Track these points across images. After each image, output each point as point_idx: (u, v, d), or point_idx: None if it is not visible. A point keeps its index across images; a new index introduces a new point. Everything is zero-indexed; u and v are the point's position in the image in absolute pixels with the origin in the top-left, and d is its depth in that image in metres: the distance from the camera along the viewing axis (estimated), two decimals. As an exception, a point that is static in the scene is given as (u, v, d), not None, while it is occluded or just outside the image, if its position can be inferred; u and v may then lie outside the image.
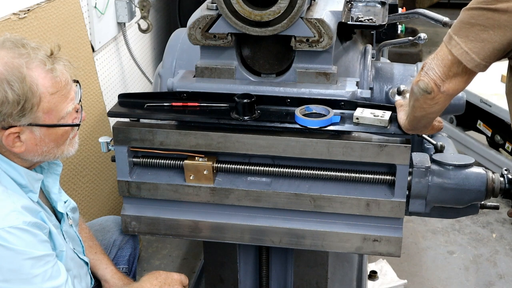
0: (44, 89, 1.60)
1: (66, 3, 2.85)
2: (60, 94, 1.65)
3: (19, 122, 1.60)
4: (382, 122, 1.87)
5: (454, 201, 1.97)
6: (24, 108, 1.58)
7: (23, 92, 1.56)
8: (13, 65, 1.56)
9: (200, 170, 1.94)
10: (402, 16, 2.67)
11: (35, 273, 1.58)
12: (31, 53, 1.60)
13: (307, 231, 1.98)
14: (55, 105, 1.64)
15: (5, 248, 1.54)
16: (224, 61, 2.07)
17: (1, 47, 1.60)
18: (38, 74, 1.60)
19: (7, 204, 1.59)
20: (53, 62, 1.64)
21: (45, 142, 1.67)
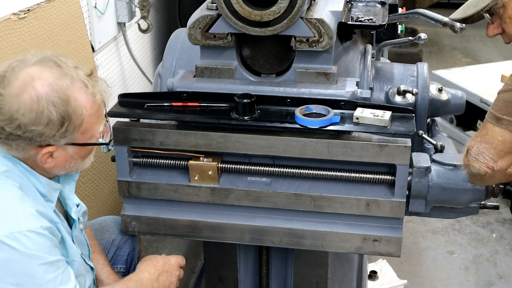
0: (85, 111, 1.63)
1: (66, 3, 2.85)
2: (96, 115, 1.68)
3: (58, 142, 1.62)
4: (382, 122, 1.87)
5: (454, 201, 1.97)
6: (67, 130, 1.60)
7: (67, 115, 1.58)
8: (58, 86, 1.57)
9: (205, 171, 1.94)
10: (402, 16, 2.67)
11: (48, 278, 1.59)
12: (73, 74, 1.62)
13: (307, 231, 1.98)
14: (91, 125, 1.67)
15: (21, 253, 1.54)
16: (224, 61, 2.07)
17: (43, 66, 1.60)
18: (81, 96, 1.62)
19: (26, 208, 1.60)
20: (93, 84, 1.66)
21: (74, 158, 1.71)
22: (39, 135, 1.58)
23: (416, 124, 1.92)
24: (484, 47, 6.85)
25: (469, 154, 1.70)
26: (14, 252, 1.53)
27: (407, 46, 5.71)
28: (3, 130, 1.56)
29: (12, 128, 1.55)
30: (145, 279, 1.89)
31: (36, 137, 1.58)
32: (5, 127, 1.55)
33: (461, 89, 3.59)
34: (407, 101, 2.21)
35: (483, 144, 1.67)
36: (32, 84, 1.55)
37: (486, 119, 1.70)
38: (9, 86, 1.55)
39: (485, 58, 6.48)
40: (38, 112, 1.55)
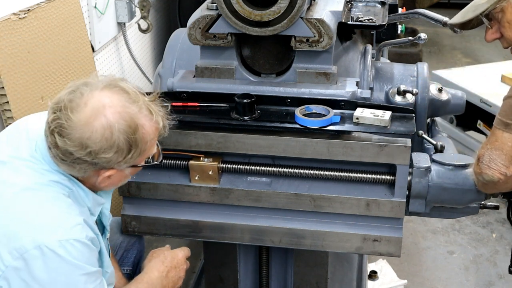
0: (149, 138, 1.64)
1: (66, 3, 2.85)
2: (155, 140, 1.69)
3: (120, 167, 1.64)
4: (382, 122, 1.87)
5: (454, 201, 1.97)
6: (132, 156, 1.61)
7: (135, 142, 1.59)
8: (127, 114, 1.58)
9: (206, 171, 1.94)
10: (402, 16, 2.67)
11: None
12: (140, 101, 1.62)
13: (307, 231, 1.98)
14: (149, 149, 1.68)
15: (66, 261, 1.54)
16: (224, 61, 2.07)
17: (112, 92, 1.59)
18: (148, 124, 1.62)
19: (73, 217, 1.60)
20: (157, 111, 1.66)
21: (127, 177, 1.73)
22: (106, 161, 1.59)
23: (416, 124, 1.92)
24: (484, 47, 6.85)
25: (480, 162, 1.72)
26: (60, 260, 1.53)
27: (407, 46, 5.71)
28: (71, 155, 1.56)
29: (81, 154, 1.56)
30: (155, 278, 1.89)
31: (103, 163, 1.59)
32: (74, 153, 1.55)
33: (461, 89, 3.59)
34: (407, 101, 2.21)
35: (494, 151, 1.68)
36: (104, 112, 1.55)
37: (494, 126, 1.71)
38: (79, 112, 1.55)
39: (485, 58, 6.48)
40: (109, 140, 1.55)
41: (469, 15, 1.81)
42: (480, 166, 1.72)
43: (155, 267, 1.92)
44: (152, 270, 1.91)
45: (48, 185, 1.62)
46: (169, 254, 1.97)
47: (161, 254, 1.97)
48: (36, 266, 1.52)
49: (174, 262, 1.95)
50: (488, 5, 1.74)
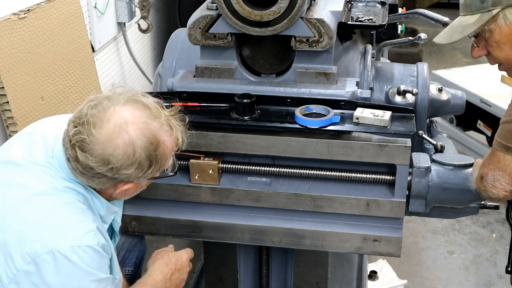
0: (169, 153, 1.65)
1: (66, 3, 2.85)
2: (172, 153, 1.69)
3: (139, 180, 1.64)
4: (382, 122, 1.87)
5: (454, 201, 1.97)
6: (152, 172, 1.62)
7: (156, 158, 1.60)
8: (149, 131, 1.58)
9: (206, 170, 1.94)
10: (402, 16, 2.67)
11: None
12: (161, 116, 1.62)
13: (307, 231, 1.98)
14: (167, 162, 1.68)
15: (78, 267, 1.54)
16: (224, 61, 2.07)
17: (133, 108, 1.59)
18: (168, 140, 1.63)
19: (87, 223, 1.60)
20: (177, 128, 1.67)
21: (143, 188, 1.73)
22: (126, 177, 1.60)
23: (416, 124, 1.92)
24: (484, 47, 6.84)
25: (485, 181, 1.80)
26: (72, 266, 1.53)
27: (407, 46, 5.71)
28: (91, 170, 1.56)
29: (103, 170, 1.56)
30: (159, 281, 1.89)
31: (123, 178, 1.60)
32: (95, 168, 1.56)
33: (461, 89, 3.59)
34: (407, 101, 2.21)
35: (498, 172, 1.77)
36: (126, 128, 1.55)
37: (494, 147, 1.78)
38: (102, 128, 1.54)
39: (485, 58, 6.47)
40: (131, 157, 1.56)
41: (456, 36, 1.81)
42: (484, 185, 1.81)
43: (159, 269, 1.92)
44: (156, 273, 1.91)
45: (63, 191, 1.61)
46: (173, 256, 1.96)
47: (165, 256, 1.96)
48: (48, 271, 1.52)
49: (178, 264, 1.95)
50: (476, 27, 1.74)
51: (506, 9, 1.69)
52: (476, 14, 1.73)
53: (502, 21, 1.71)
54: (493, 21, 1.72)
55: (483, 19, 1.73)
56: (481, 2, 1.71)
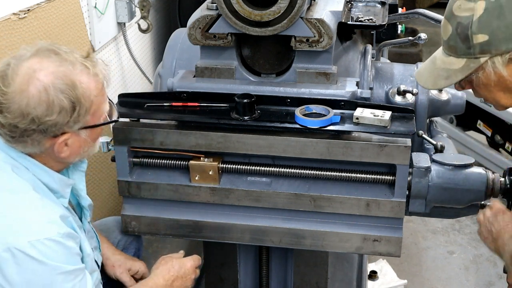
0: (91, 93, 1.63)
1: (66, 3, 2.85)
2: (101, 94, 1.68)
3: (71, 128, 1.62)
4: (382, 122, 1.87)
5: (454, 201, 1.97)
6: (79, 114, 1.60)
7: (77, 99, 1.58)
8: (61, 73, 1.57)
9: (206, 171, 1.94)
10: (402, 16, 2.67)
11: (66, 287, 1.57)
12: (72, 58, 1.61)
13: (307, 231, 1.98)
14: (99, 106, 1.67)
15: (40, 262, 1.52)
16: (224, 61, 2.07)
17: (41, 57, 1.59)
18: (85, 78, 1.61)
19: (43, 214, 1.59)
20: (93, 65, 1.66)
21: (87, 142, 1.70)
22: (53, 125, 1.57)
23: (416, 124, 1.92)
24: (484, 47, 6.84)
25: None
26: (32, 261, 1.51)
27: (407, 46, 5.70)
28: (16, 128, 1.55)
29: (25, 124, 1.54)
30: (160, 285, 1.90)
31: (51, 128, 1.57)
32: (18, 124, 1.54)
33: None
34: (407, 101, 2.21)
35: None
36: (35, 76, 1.54)
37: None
38: (12, 84, 1.54)
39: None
40: (49, 102, 1.54)
41: (441, 83, 1.68)
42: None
43: (161, 274, 1.93)
44: (158, 277, 1.92)
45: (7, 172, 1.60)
46: (177, 263, 1.97)
47: (169, 261, 1.97)
48: (9, 269, 1.50)
49: (181, 271, 1.95)
50: (462, 76, 1.63)
51: (495, 57, 1.56)
52: (462, 59, 1.60)
53: (490, 69, 1.58)
54: (481, 69, 1.59)
55: (470, 67, 1.60)
56: (467, 48, 1.57)
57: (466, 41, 1.57)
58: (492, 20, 1.53)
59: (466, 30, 1.56)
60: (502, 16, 1.52)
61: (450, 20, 1.61)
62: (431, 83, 1.72)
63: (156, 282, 1.91)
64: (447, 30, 1.62)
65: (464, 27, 1.56)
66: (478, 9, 1.54)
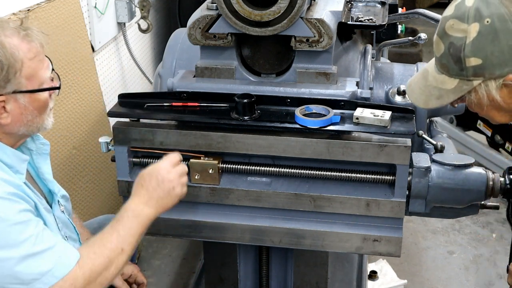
0: (23, 54, 1.63)
1: (66, 3, 2.85)
2: (37, 60, 1.68)
3: (4, 90, 1.62)
4: (382, 122, 1.87)
5: (454, 201, 1.97)
6: (8, 74, 1.60)
7: (5, 58, 1.59)
8: None
9: (206, 169, 1.94)
10: (402, 16, 2.67)
11: (23, 238, 1.55)
12: (3, 23, 1.64)
13: (307, 231, 1.98)
14: (35, 70, 1.67)
15: None
16: (224, 61, 2.07)
17: None
18: (16, 40, 1.63)
19: None
20: (26, 29, 1.67)
21: (29, 110, 1.69)
22: None
23: (416, 124, 1.92)
24: (484, 47, 6.84)
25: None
26: None
27: (407, 46, 5.70)
28: None
29: None
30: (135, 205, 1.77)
31: None
32: None
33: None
34: (407, 101, 2.21)
35: None
36: None
37: None
38: None
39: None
40: None
41: (432, 102, 1.65)
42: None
43: (135, 194, 1.79)
44: (131, 199, 1.78)
45: None
46: (148, 173, 1.81)
47: (140, 177, 1.81)
48: None
49: (153, 180, 1.79)
50: (455, 98, 1.61)
51: (488, 81, 1.52)
52: (455, 79, 1.57)
53: (483, 92, 1.54)
54: (474, 91, 1.55)
55: (462, 89, 1.56)
56: (460, 69, 1.53)
57: (458, 62, 1.53)
58: (486, 44, 1.48)
59: (459, 52, 1.52)
60: (497, 40, 1.47)
61: (443, 38, 1.56)
62: (422, 102, 1.68)
63: (134, 203, 1.77)
64: (440, 48, 1.57)
65: (456, 48, 1.52)
66: (472, 31, 1.49)
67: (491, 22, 1.47)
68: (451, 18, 1.53)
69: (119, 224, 1.74)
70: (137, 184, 1.83)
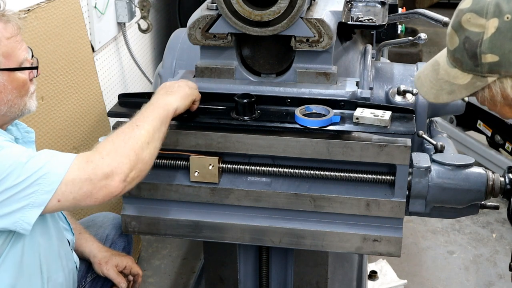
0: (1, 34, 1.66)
1: (66, 3, 2.85)
2: (15, 40, 1.70)
3: None
4: (382, 122, 1.87)
5: (454, 201, 1.97)
6: None
7: None
8: None
9: (206, 166, 1.94)
10: (402, 16, 2.67)
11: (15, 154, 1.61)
12: None
13: (307, 231, 1.98)
14: (12, 49, 1.69)
15: None
16: (224, 61, 2.07)
17: None
18: None
19: None
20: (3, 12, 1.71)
21: (8, 89, 1.71)
22: None
23: (416, 124, 1.92)
24: (484, 47, 6.84)
25: None
26: None
27: (407, 46, 5.71)
28: None
29: None
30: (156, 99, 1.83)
31: None
32: None
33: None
34: (407, 101, 2.21)
35: None
36: None
37: None
38: None
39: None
40: None
41: (444, 97, 1.58)
42: None
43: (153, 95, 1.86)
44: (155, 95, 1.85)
45: None
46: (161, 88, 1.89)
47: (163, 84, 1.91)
48: None
49: (167, 85, 1.88)
50: (467, 94, 1.54)
51: (504, 78, 1.45)
52: (468, 75, 1.50)
53: (497, 89, 1.47)
54: (487, 88, 1.49)
55: (476, 85, 1.50)
56: (474, 65, 1.46)
57: (474, 58, 1.47)
58: (504, 41, 1.42)
59: (475, 47, 1.45)
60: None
61: (458, 32, 1.49)
62: (433, 96, 1.61)
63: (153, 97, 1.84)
64: (454, 42, 1.51)
65: (472, 44, 1.46)
66: (490, 27, 1.43)
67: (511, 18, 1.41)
68: (468, 12, 1.46)
69: (136, 114, 1.78)
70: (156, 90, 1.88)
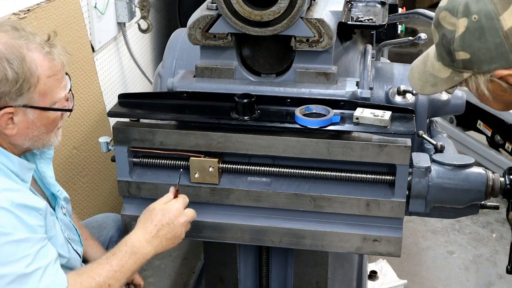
0: (41, 71, 1.63)
1: (66, 3, 2.85)
2: (55, 78, 1.67)
3: (15, 102, 1.61)
4: (382, 122, 1.87)
5: (454, 201, 1.97)
6: (21, 87, 1.59)
7: (22, 71, 1.58)
8: (13, 45, 1.59)
9: (206, 167, 1.94)
10: (402, 16, 2.67)
11: (17, 257, 1.54)
12: (29, 36, 1.63)
13: (307, 231, 1.98)
14: (50, 88, 1.66)
15: None
16: (224, 61, 2.07)
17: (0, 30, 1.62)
18: (37, 56, 1.62)
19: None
20: (50, 47, 1.67)
21: (36, 126, 1.68)
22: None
23: (416, 124, 1.92)
24: (484, 47, 6.84)
25: None
26: None
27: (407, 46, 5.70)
28: None
29: None
30: (142, 240, 1.76)
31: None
32: None
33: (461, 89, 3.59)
34: (407, 101, 2.21)
35: None
36: None
37: None
38: None
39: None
40: None
41: (428, 90, 1.66)
42: None
43: (142, 227, 1.78)
44: (139, 232, 1.76)
45: None
46: (160, 211, 1.79)
47: (152, 210, 1.80)
48: None
49: (165, 218, 1.78)
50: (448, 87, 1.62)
51: (477, 74, 1.53)
52: (448, 69, 1.59)
53: (473, 84, 1.55)
54: (465, 82, 1.58)
55: (454, 80, 1.59)
56: (451, 61, 1.55)
57: (449, 54, 1.54)
58: (473, 40, 1.48)
59: (449, 44, 1.53)
60: (483, 38, 1.47)
61: (437, 28, 1.58)
62: (419, 87, 1.70)
63: (137, 237, 1.76)
64: (435, 37, 1.60)
65: (447, 41, 1.53)
66: (460, 26, 1.49)
67: (478, 19, 1.46)
68: (444, 10, 1.54)
69: (114, 258, 1.73)
70: (147, 218, 1.81)
